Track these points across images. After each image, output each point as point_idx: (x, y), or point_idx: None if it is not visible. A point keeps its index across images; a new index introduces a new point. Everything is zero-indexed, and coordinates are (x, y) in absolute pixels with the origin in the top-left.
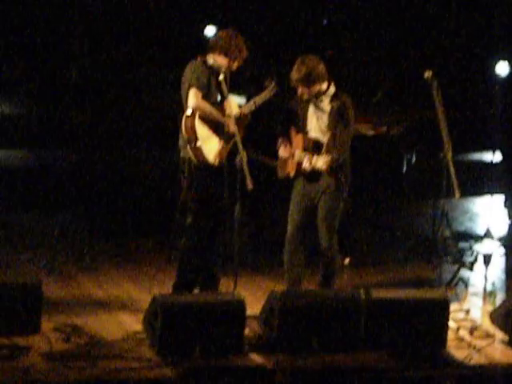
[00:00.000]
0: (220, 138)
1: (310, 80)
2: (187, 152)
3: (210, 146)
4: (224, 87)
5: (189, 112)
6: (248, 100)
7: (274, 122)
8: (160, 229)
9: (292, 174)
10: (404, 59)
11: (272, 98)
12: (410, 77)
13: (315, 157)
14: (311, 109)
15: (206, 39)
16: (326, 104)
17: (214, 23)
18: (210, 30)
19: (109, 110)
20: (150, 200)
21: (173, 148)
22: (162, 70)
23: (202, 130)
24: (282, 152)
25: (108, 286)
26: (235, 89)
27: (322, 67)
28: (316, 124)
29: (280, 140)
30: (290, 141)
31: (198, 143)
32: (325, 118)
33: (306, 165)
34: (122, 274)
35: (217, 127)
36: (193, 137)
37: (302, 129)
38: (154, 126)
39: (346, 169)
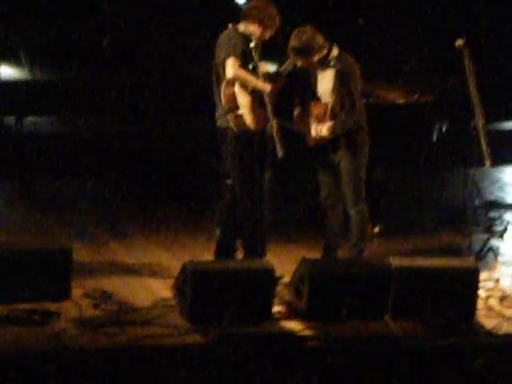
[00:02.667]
0: (259, 105)
1: (307, 52)
2: (227, 121)
3: (251, 113)
4: (255, 54)
5: (228, 81)
6: (279, 67)
7: (292, 92)
8: (192, 196)
9: (312, 142)
10: (436, 27)
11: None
12: (442, 45)
13: (320, 125)
14: (320, 75)
15: (237, 7)
16: (330, 68)
17: None
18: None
19: (141, 79)
20: (182, 167)
21: (206, 117)
22: (193, 38)
23: (242, 97)
24: (300, 122)
25: (138, 252)
26: (265, 57)
27: (317, 38)
28: (325, 89)
29: (296, 110)
30: (306, 109)
31: (240, 111)
32: (332, 81)
33: (313, 134)
34: (152, 241)
35: (256, 94)
36: (234, 105)
37: (314, 95)
38: (187, 94)
39: (362, 130)
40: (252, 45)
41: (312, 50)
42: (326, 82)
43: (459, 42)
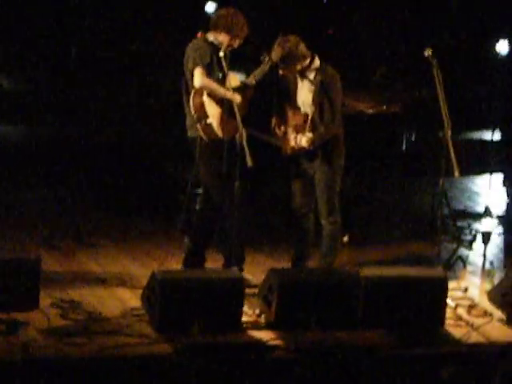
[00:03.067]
0: (229, 114)
1: (289, 60)
2: (197, 130)
3: (219, 122)
4: (224, 64)
5: (196, 91)
6: (248, 76)
7: (269, 100)
8: (159, 206)
9: (289, 152)
10: (404, 37)
11: (268, 72)
12: (410, 55)
13: (299, 135)
14: (300, 84)
15: (206, 16)
16: (311, 78)
17: (214, 0)
18: (210, 7)
19: (109, 86)
20: (149, 177)
21: (174, 126)
22: (162, 46)
23: (210, 107)
24: (278, 131)
25: (107, 262)
26: (235, 66)
27: (300, 47)
28: (305, 99)
29: (274, 119)
30: (284, 118)
31: (209, 120)
32: (311, 93)
33: (292, 144)
34: (120, 251)
35: (224, 103)
36: (202, 115)
37: (294, 105)
38: (156, 102)
39: (339, 142)
40: (221, 54)
41: (295, 59)
42: (306, 92)
43: (428, 52)
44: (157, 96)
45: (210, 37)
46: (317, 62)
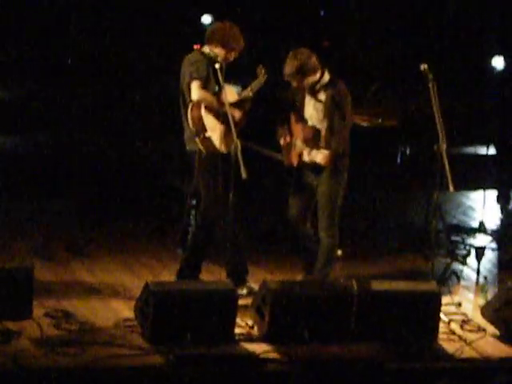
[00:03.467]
0: (225, 127)
1: (302, 74)
2: (195, 144)
3: (218, 135)
4: (220, 76)
5: (193, 104)
6: (244, 88)
7: (273, 112)
8: (153, 216)
9: (295, 163)
10: (400, 51)
11: (264, 85)
12: (405, 69)
13: (314, 151)
14: (307, 98)
15: (203, 27)
16: (321, 93)
17: (210, 12)
18: (206, 19)
19: (102, 96)
20: (143, 187)
21: (168, 137)
22: (158, 57)
23: (208, 120)
24: (283, 142)
25: (100, 272)
26: (231, 78)
27: (313, 59)
28: (313, 113)
29: (279, 130)
30: (289, 130)
31: (207, 134)
32: (321, 107)
33: (305, 158)
34: (114, 261)
35: (221, 116)
36: (201, 128)
37: (301, 118)
38: (150, 113)
39: (345, 157)
40: (217, 66)
41: (307, 71)
42: (314, 106)
43: (424, 67)
44: (152, 105)
45: (206, 49)
46: (326, 77)
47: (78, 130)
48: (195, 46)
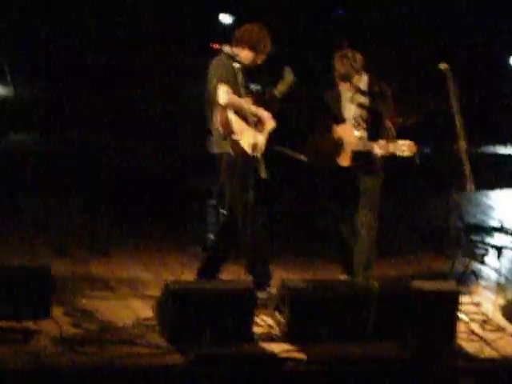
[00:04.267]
0: (254, 129)
1: (350, 74)
2: (223, 147)
3: (247, 138)
4: (240, 77)
5: (221, 108)
6: (264, 88)
7: (302, 115)
8: (172, 215)
9: (346, 163)
10: (419, 51)
11: (292, 86)
12: (425, 68)
13: (398, 142)
14: (350, 97)
15: (221, 25)
16: (365, 90)
17: (228, 11)
18: (224, 18)
19: (124, 96)
20: (163, 187)
21: (189, 137)
22: (177, 56)
23: (236, 123)
24: (328, 143)
25: (119, 271)
26: (253, 78)
27: (358, 60)
28: (357, 111)
29: (323, 130)
30: (326, 131)
31: (235, 137)
32: (365, 103)
33: (379, 151)
34: (133, 260)
35: (249, 118)
36: (229, 131)
37: (339, 119)
38: (172, 113)
39: None
40: (236, 66)
41: (356, 72)
42: (358, 104)
43: (444, 66)
44: (174, 106)
45: (227, 49)
46: (365, 76)
47: (98, 131)
48: (214, 46)
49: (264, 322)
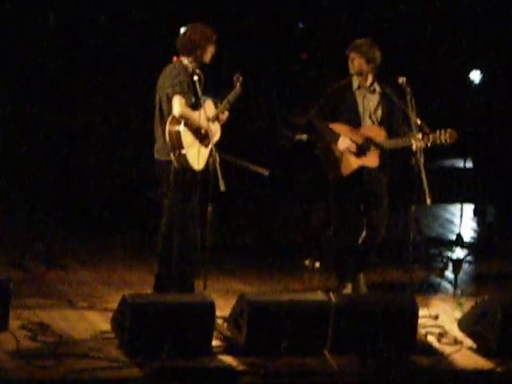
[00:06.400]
0: (202, 143)
1: (366, 55)
2: (167, 155)
3: (194, 152)
4: (198, 88)
5: (173, 119)
6: (222, 99)
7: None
8: (130, 228)
9: (375, 163)
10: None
11: (241, 94)
12: (384, 82)
13: (438, 132)
14: (364, 96)
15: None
16: (378, 90)
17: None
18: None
19: (79, 105)
20: (120, 199)
21: (145, 147)
22: (140, 68)
23: (186, 136)
24: (350, 146)
25: (76, 284)
26: (209, 89)
27: (376, 52)
28: (378, 111)
29: (339, 135)
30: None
31: (183, 151)
32: (375, 103)
33: (419, 144)
34: (90, 273)
35: (199, 132)
36: (177, 144)
37: (356, 120)
38: (130, 123)
39: None
40: (195, 78)
41: (371, 59)
42: (375, 104)
43: (402, 80)
44: (131, 116)
45: (185, 61)
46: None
47: (55, 143)
48: (174, 58)
49: (222, 334)
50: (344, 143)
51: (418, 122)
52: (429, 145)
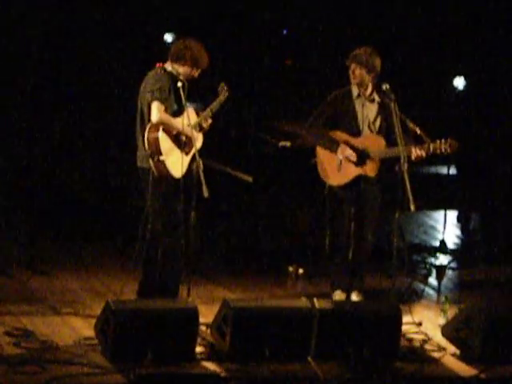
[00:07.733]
0: (182, 150)
1: (367, 65)
2: (148, 162)
3: (173, 159)
4: (182, 95)
5: (152, 125)
6: (205, 107)
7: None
8: (114, 235)
9: (374, 173)
10: None
11: (225, 103)
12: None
13: (432, 143)
14: (365, 106)
15: (165, 46)
16: (377, 99)
17: (172, 30)
18: (169, 37)
19: (64, 112)
20: (103, 205)
21: (128, 153)
22: (121, 73)
23: (165, 143)
24: (350, 155)
25: (60, 290)
26: (192, 97)
27: (377, 61)
28: (377, 120)
29: (339, 143)
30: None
31: (162, 157)
32: (374, 113)
33: (418, 152)
34: (74, 279)
35: (178, 139)
36: (156, 151)
37: (355, 129)
38: (111, 129)
39: None
40: (179, 85)
41: (372, 69)
42: (376, 114)
43: (385, 86)
44: (113, 121)
45: (169, 67)
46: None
47: (37, 147)
48: (157, 65)
49: (206, 341)
50: (344, 151)
51: (418, 131)
52: (429, 154)
